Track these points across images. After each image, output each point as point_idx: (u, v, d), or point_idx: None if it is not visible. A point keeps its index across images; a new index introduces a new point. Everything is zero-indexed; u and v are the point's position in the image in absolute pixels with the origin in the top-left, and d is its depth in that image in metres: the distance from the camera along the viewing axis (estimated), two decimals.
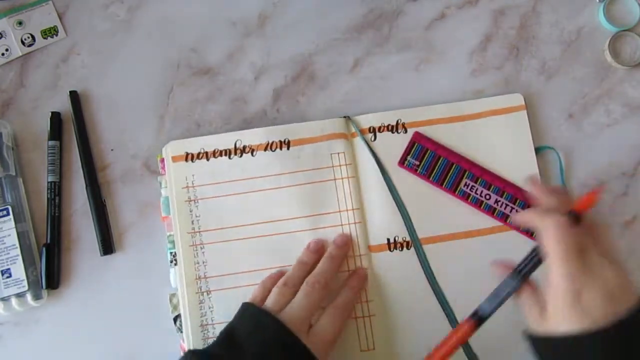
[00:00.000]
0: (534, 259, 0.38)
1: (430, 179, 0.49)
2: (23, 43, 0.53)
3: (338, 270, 0.47)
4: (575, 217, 0.37)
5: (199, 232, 0.49)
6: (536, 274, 0.39)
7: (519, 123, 0.51)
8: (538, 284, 0.38)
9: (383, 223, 0.49)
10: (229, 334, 0.41)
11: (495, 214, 0.49)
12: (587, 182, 0.51)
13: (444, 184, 0.49)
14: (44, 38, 0.53)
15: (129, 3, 0.54)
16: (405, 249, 0.49)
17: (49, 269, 0.49)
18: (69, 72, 0.53)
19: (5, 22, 0.53)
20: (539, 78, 0.53)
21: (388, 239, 0.49)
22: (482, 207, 0.49)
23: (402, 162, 0.50)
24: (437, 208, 0.49)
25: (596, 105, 0.52)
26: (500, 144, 0.50)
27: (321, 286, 0.44)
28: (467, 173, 0.49)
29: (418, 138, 0.50)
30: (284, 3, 0.54)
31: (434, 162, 0.49)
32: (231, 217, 0.49)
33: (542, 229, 0.37)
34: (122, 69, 0.53)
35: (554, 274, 0.35)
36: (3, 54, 0.53)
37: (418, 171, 0.50)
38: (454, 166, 0.49)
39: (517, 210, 0.48)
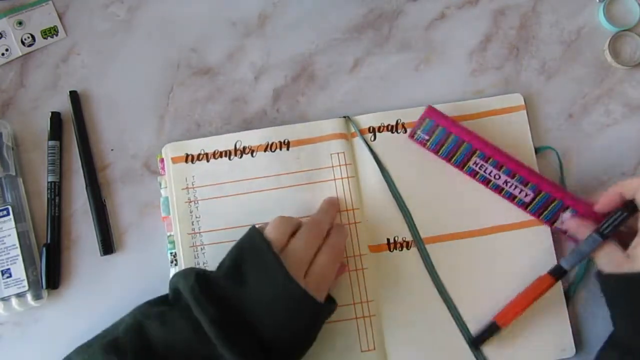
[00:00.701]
0: (617, 221, 0.44)
1: (439, 154, 0.49)
2: (23, 43, 0.53)
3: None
4: None
5: (199, 233, 0.49)
6: None
7: (519, 123, 0.51)
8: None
9: (383, 223, 0.49)
10: (236, 263, 0.41)
11: (502, 194, 0.48)
12: (587, 182, 0.51)
13: (452, 159, 0.49)
14: (44, 38, 0.53)
15: (129, 3, 0.54)
16: (405, 249, 0.49)
17: (49, 269, 0.49)
18: (69, 72, 0.53)
19: (5, 22, 0.53)
20: (539, 78, 0.53)
21: (388, 239, 0.49)
22: (489, 185, 0.48)
23: (412, 135, 0.49)
24: (438, 207, 0.49)
25: (596, 105, 0.52)
26: (500, 144, 0.50)
27: (319, 230, 0.44)
28: (477, 152, 0.48)
29: (430, 114, 0.49)
30: (284, 3, 0.54)
31: (444, 138, 0.48)
32: (231, 218, 0.49)
33: None
34: (122, 69, 0.53)
35: None
36: (3, 54, 0.53)
37: (427, 146, 0.49)
38: (464, 144, 0.48)
39: (526, 193, 0.48)
